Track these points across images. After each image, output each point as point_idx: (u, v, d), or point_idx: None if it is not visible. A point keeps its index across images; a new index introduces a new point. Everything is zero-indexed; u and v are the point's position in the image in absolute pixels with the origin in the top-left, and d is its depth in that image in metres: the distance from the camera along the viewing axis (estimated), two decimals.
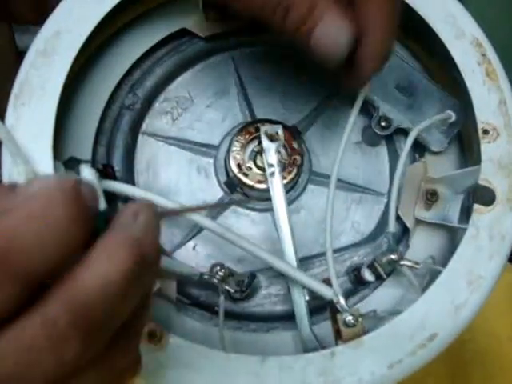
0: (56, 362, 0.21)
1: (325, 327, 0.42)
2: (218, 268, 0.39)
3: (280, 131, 0.42)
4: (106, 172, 0.41)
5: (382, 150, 0.46)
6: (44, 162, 0.37)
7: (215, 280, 0.39)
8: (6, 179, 0.37)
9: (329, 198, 0.40)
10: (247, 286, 0.39)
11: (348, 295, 0.43)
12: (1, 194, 0.23)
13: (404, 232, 0.44)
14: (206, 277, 0.39)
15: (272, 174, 0.41)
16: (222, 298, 0.39)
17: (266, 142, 0.42)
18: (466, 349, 0.74)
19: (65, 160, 0.40)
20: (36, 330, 0.21)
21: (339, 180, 0.45)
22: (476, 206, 0.39)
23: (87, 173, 0.38)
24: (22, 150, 0.36)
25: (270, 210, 0.42)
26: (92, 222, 0.23)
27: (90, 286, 0.22)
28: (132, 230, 0.24)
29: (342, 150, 0.40)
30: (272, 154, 0.42)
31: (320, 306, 0.42)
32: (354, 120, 0.41)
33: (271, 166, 0.41)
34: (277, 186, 0.41)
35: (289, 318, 0.42)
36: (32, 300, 0.22)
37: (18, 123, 0.38)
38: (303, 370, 0.36)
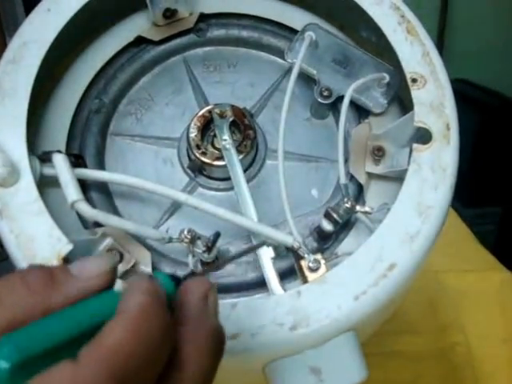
0: None
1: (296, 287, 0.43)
2: (186, 232, 0.42)
3: (229, 108, 0.46)
4: (77, 163, 0.45)
5: (330, 122, 0.50)
6: (19, 152, 0.41)
7: (184, 243, 0.42)
8: None
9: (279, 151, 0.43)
10: (213, 243, 0.41)
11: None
12: (61, 279, 0.25)
13: (360, 191, 0.47)
14: (174, 240, 0.42)
15: (227, 147, 0.45)
16: (190, 257, 0.42)
17: (217, 120, 0.46)
18: (457, 351, 0.74)
19: (39, 154, 0.44)
20: None
21: (294, 153, 0.48)
22: (415, 145, 0.42)
23: (59, 159, 0.42)
24: None
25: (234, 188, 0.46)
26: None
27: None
28: (210, 319, 0.27)
29: (284, 113, 0.44)
30: (224, 129, 0.46)
31: (290, 269, 0.45)
32: (291, 90, 0.45)
33: (225, 140, 0.45)
34: (232, 158, 0.45)
35: (262, 284, 0.44)
36: None
37: None
38: (273, 311, 0.38)
